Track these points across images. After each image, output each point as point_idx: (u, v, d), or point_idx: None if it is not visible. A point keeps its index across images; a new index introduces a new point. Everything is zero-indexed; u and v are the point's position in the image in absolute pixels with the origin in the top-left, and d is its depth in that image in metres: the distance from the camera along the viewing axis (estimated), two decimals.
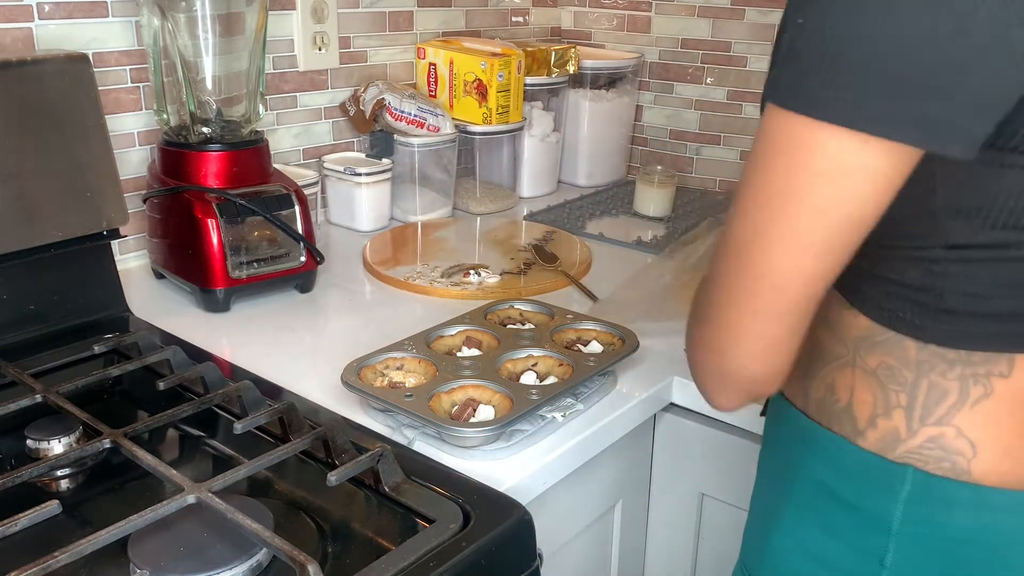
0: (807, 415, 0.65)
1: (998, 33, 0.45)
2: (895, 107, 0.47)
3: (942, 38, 0.45)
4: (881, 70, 0.46)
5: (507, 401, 0.84)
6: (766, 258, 0.53)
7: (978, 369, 0.58)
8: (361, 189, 1.40)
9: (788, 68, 0.50)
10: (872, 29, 0.46)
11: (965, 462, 0.58)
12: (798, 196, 0.50)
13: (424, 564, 0.63)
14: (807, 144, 0.49)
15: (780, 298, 0.54)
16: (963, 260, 0.56)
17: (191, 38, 1.11)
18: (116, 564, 0.64)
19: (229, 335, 1.06)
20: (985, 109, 0.47)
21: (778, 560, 0.68)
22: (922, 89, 0.46)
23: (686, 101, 1.75)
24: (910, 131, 0.47)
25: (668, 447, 1.05)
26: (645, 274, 1.26)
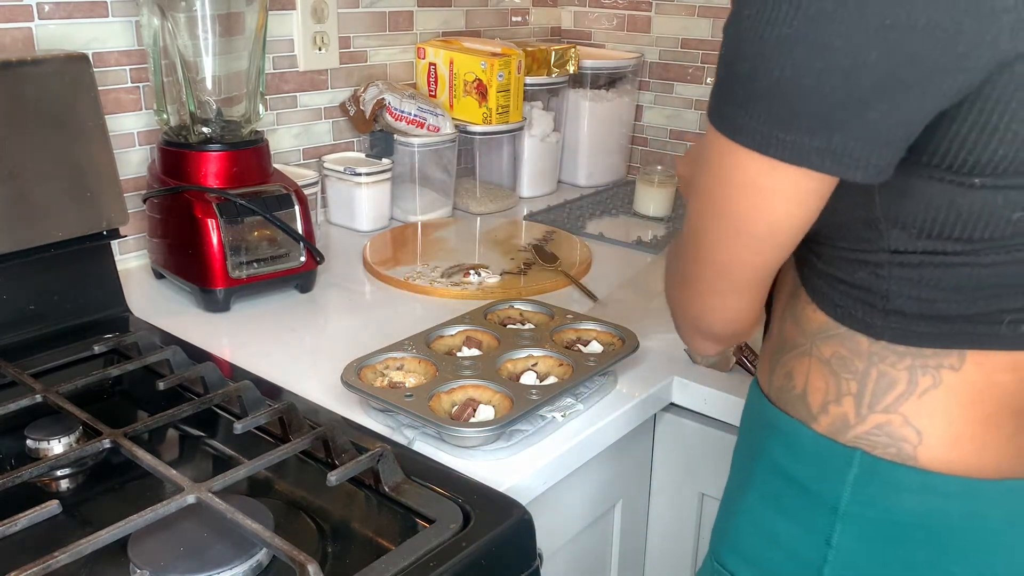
0: (769, 399, 0.68)
1: (890, 74, 0.47)
2: (799, 137, 0.51)
3: (836, 79, 0.48)
4: (784, 103, 0.50)
5: (507, 401, 0.84)
6: (708, 249, 0.60)
7: (928, 361, 0.59)
8: (361, 189, 1.40)
9: (715, 91, 0.55)
10: (773, 67, 0.50)
11: (911, 448, 0.60)
12: (725, 204, 0.56)
13: (424, 564, 0.63)
14: (728, 159, 0.54)
15: (727, 279, 0.61)
16: (905, 264, 0.58)
17: (191, 38, 1.11)
18: (116, 564, 0.64)
19: (229, 335, 1.06)
20: (887, 140, 0.50)
21: (738, 541, 0.70)
22: (823, 122, 0.50)
23: (686, 101, 1.75)
24: (814, 159, 0.51)
25: (668, 447, 1.05)
26: (645, 274, 1.26)
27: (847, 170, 0.51)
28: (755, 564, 0.68)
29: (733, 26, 0.52)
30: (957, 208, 0.53)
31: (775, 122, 0.51)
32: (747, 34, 0.51)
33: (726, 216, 0.57)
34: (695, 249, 0.61)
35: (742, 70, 0.51)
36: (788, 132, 0.51)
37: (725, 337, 0.67)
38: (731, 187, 0.55)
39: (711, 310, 0.64)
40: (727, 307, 0.63)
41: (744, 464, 0.71)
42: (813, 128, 0.50)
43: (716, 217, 0.58)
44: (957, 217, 0.54)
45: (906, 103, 0.49)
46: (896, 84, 0.48)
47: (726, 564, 0.71)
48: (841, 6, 0.47)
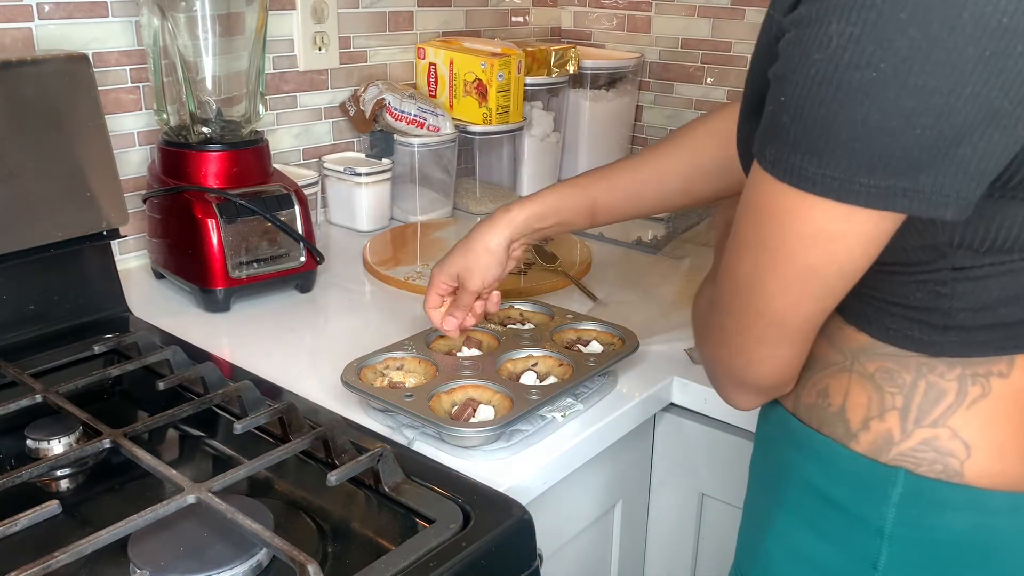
0: (797, 417, 0.66)
1: (984, 107, 0.45)
2: (884, 182, 0.48)
3: (928, 119, 0.45)
4: (868, 150, 0.47)
5: (507, 401, 0.84)
6: (764, 300, 0.56)
7: (978, 369, 0.58)
8: (361, 189, 1.40)
9: (775, 141, 0.50)
10: (856, 114, 0.46)
11: (958, 463, 0.58)
12: (789, 255, 0.53)
13: (424, 564, 0.63)
14: (796, 212, 0.51)
15: (780, 330, 0.58)
16: (969, 279, 0.56)
17: (191, 38, 1.11)
18: (116, 564, 0.64)
19: (229, 335, 1.06)
20: (976, 173, 0.48)
21: (771, 564, 0.68)
22: (910, 164, 0.47)
23: (686, 101, 1.75)
24: (901, 202, 0.48)
25: (668, 447, 1.05)
26: (645, 274, 1.26)
27: (936, 209, 0.48)
28: None
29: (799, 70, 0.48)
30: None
31: (856, 169, 0.48)
32: (821, 79, 0.47)
33: (790, 268, 0.53)
34: (745, 302, 0.58)
35: (815, 117, 0.48)
36: (872, 177, 0.47)
37: (769, 389, 0.64)
38: (799, 238, 0.52)
39: (758, 362, 0.61)
40: (776, 357, 0.60)
41: (770, 484, 0.69)
42: (900, 171, 0.47)
43: (777, 269, 0.54)
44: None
45: (998, 134, 0.46)
46: (989, 117, 0.46)
47: None
48: (937, 43, 0.44)
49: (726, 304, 0.60)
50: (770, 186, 0.52)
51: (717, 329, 0.63)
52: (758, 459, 0.73)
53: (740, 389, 0.65)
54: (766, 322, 0.58)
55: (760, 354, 0.60)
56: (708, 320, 0.65)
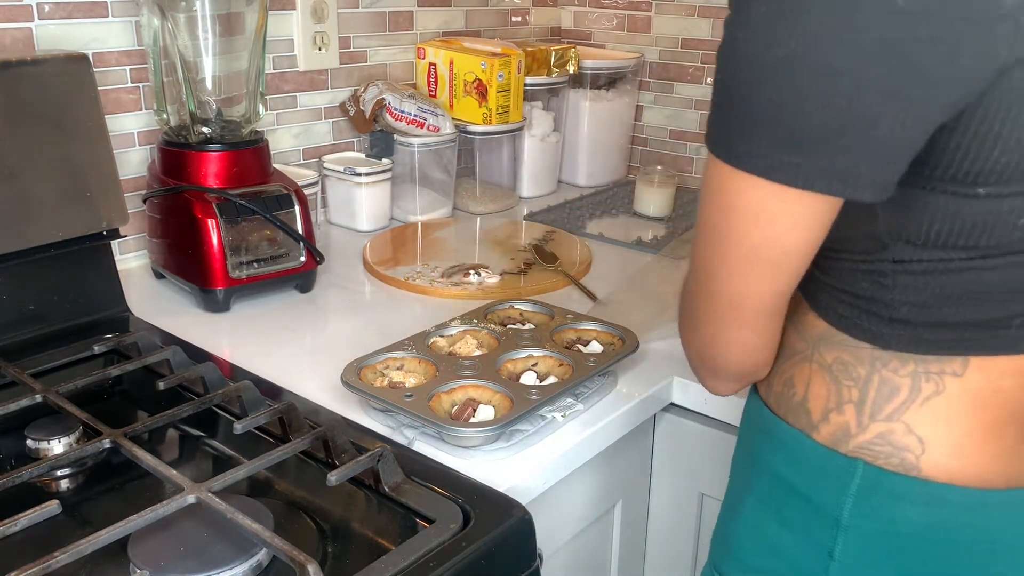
0: (768, 406, 0.67)
1: (894, 91, 0.47)
2: (803, 161, 0.50)
3: (840, 100, 0.47)
4: (787, 129, 0.49)
5: (507, 401, 0.84)
6: (718, 283, 0.59)
7: (931, 367, 0.58)
8: (361, 189, 1.40)
9: (712, 119, 0.54)
10: (773, 93, 0.49)
11: (914, 458, 0.59)
12: (733, 235, 0.55)
13: (424, 564, 0.63)
14: (734, 190, 0.53)
15: (738, 313, 0.60)
16: (909, 272, 0.57)
17: (191, 38, 1.11)
18: (116, 564, 0.64)
19: (229, 335, 1.06)
20: (891, 158, 0.49)
21: (738, 551, 0.69)
22: (828, 144, 0.49)
23: (686, 101, 1.75)
24: (820, 181, 0.50)
25: (668, 447, 1.05)
26: (645, 274, 1.26)
27: (854, 191, 0.50)
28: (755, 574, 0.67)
29: (728, 50, 0.51)
30: (962, 218, 0.53)
31: (778, 147, 0.50)
32: (743, 58, 0.50)
33: (735, 246, 0.55)
34: (704, 285, 0.60)
35: (740, 95, 0.51)
36: (792, 155, 0.50)
37: (740, 375, 0.65)
38: (738, 217, 0.54)
39: (725, 346, 0.62)
40: (740, 342, 0.62)
41: (743, 472, 0.71)
42: (817, 151, 0.49)
43: (724, 250, 0.56)
44: (962, 227, 0.53)
45: (910, 119, 0.48)
46: (899, 101, 0.47)
47: (726, 574, 0.70)
48: (843, 24, 0.46)
49: (693, 290, 0.63)
50: (714, 167, 0.54)
51: (689, 316, 0.65)
52: (736, 449, 0.74)
53: (713, 375, 0.67)
54: (725, 306, 0.59)
55: (726, 339, 0.62)
56: (683, 308, 0.67)
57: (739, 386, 0.68)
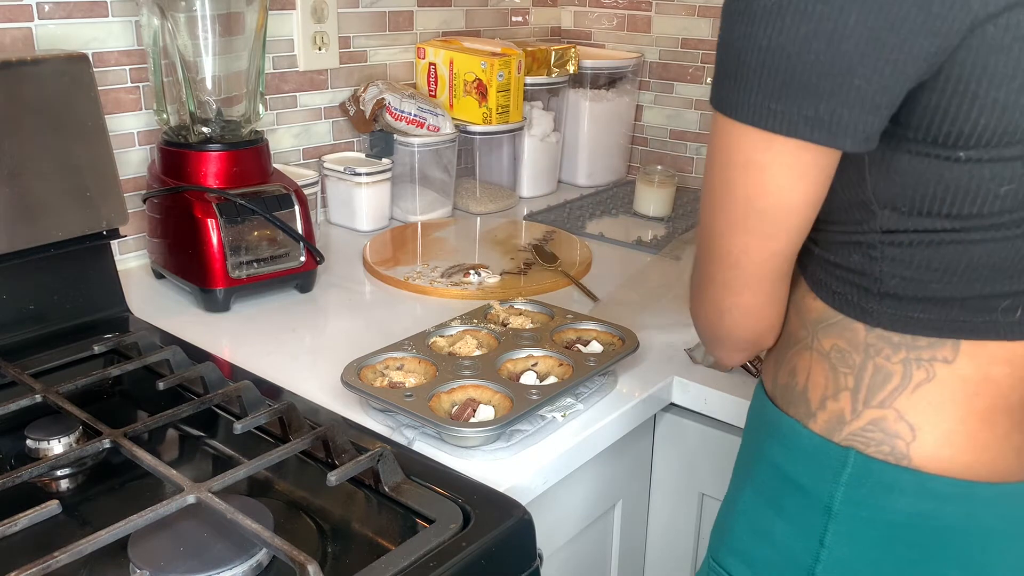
0: (773, 400, 0.68)
1: (871, 37, 0.49)
2: (789, 107, 0.52)
3: (820, 44, 0.50)
4: (774, 75, 0.52)
5: (507, 401, 0.84)
6: (719, 242, 0.61)
7: (922, 353, 0.59)
8: (361, 189, 1.40)
9: (715, 73, 0.57)
10: (762, 39, 0.52)
11: (904, 446, 0.60)
12: (729, 187, 0.58)
13: (424, 564, 0.63)
14: (729, 139, 0.56)
15: (740, 274, 0.61)
16: (897, 244, 0.58)
17: (191, 38, 1.11)
18: (116, 564, 0.64)
19: (229, 335, 1.06)
20: (871, 106, 0.51)
21: (735, 541, 0.70)
22: (810, 90, 0.51)
23: (686, 101, 1.75)
24: (803, 128, 0.53)
25: (668, 447, 1.05)
26: (645, 274, 1.26)
27: (835, 138, 0.52)
28: (750, 563, 0.68)
29: (727, 7, 0.54)
30: (945, 183, 0.54)
31: (766, 94, 0.53)
32: (737, 11, 0.53)
33: (732, 199, 0.58)
34: (707, 248, 0.62)
35: (735, 46, 0.54)
36: (778, 102, 0.52)
37: (745, 340, 0.67)
38: (734, 168, 0.56)
39: (727, 311, 0.64)
40: (742, 304, 0.63)
41: (744, 464, 0.72)
42: (801, 97, 0.52)
43: (723, 202, 0.58)
44: (945, 192, 0.54)
45: (887, 68, 0.50)
46: (877, 48, 0.49)
47: (722, 563, 0.71)
48: None
49: (698, 253, 0.65)
50: (714, 122, 0.57)
51: (696, 285, 0.67)
52: (741, 445, 0.75)
53: (719, 344, 0.69)
54: (725, 265, 0.61)
55: (727, 303, 0.64)
56: (691, 279, 0.69)
57: (743, 355, 0.70)
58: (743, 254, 0.60)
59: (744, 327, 0.65)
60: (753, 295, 0.62)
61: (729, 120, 0.55)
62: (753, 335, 0.66)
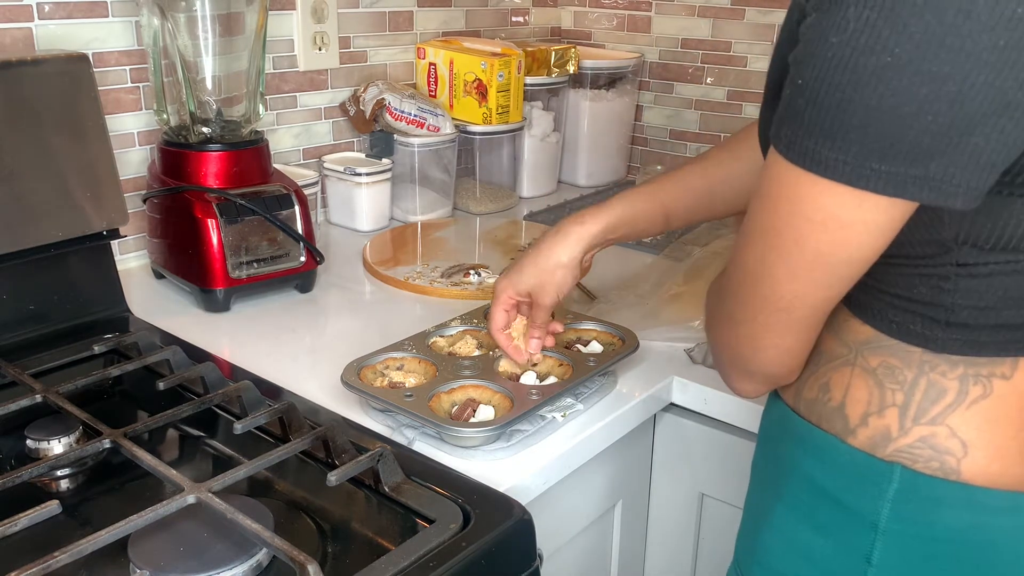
0: (798, 413, 0.66)
1: (997, 97, 0.46)
2: (895, 168, 0.48)
3: (941, 106, 0.46)
4: (881, 135, 0.48)
5: (507, 401, 0.84)
6: (771, 287, 0.57)
7: (981, 370, 0.58)
8: (361, 189, 1.40)
9: (790, 123, 0.51)
10: (871, 99, 0.47)
11: (955, 461, 0.58)
12: (799, 240, 0.54)
13: (424, 564, 0.63)
14: (807, 196, 0.52)
15: (787, 319, 0.58)
16: (972, 276, 0.56)
17: (191, 38, 1.11)
18: (116, 564, 0.64)
19: (229, 335, 1.06)
20: (987, 165, 0.48)
21: (768, 557, 0.68)
22: (922, 151, 0.47)
23: (686, 101, 1.75)
24: (912, 189, 0.49)
25: (668, 447, 1.05)
26: (645, 274, 1.26)
27: (947, 198, 0.49)
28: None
29: (817, 53, 0.49)
30: None
31: (868, 153, 0.48)
32: (837, 62, 0.48)
33: (799, 253, 0.54)
34: (752, 288, 0.59)
35: (830, 101, 0.48)
36: (883, 163, 0.48)
37: (777, 377, 0.65)
38: (809, 223, 0.52)
39: (763, 350, 0.62)
40: (782, 346, 0.61)
41: (770, 479, 0.70)
42: (912, 157, 0.48)
43: (786, 254, 0.55)
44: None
45: (1009, 124, 0.47)
46: (1002, 107, 0.46)
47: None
48: (951, 30, 0.44)
49: (735, 291, 0.61)
50: (783, 170, 0.52)
51: (726, 316, 0.64)
52: (759, 456, 0.73)
53: (744, 376, 0.66)
54: (772, 309, 0.58)
55: (766, 342, 0.61)
56: (718, 307, 0.66)
57: (765, 389, 0.68)
58: (796, 300, 0.57)
59: (779, 364, 0.63)
60: (796, 337, 0.60)
61: (810, 174, 0.50)
62: (785, 372, 0.64)
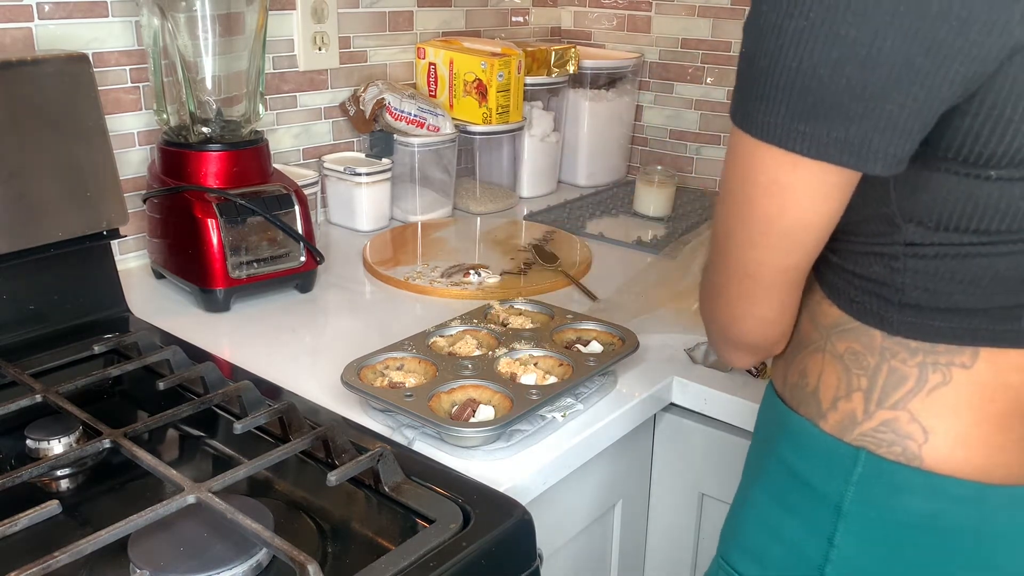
0: (783, 399, 0.68)
1: (906, 63, 0.48)
2: (818, 129, 0.51)
3: (852, 69, 0.49)
4: (803, 96, 0.51)
5: (507, 401, 0.84)
6: (736, 254, 0.60)
7: (940, 358, 0.59)
8: (361, 189, 1.40)
9: (736, 90, 0.56)
10: (792, 60, 0.51)
11: (916, 447, 0.59)
12: (750, 204, 0.57)
13: (424, 564, 0.63)
14: (752, 159, 0.55)
15: (755, 286, 0.61)
16: (920, 256, 0.58)
17: (191, 38, 1.11)
18: (116, 564, 0.64)
19: (229, 335, 1.06)
20: (903, 131, 0.50)
21: (743, 537, 0.70)
22: (840, 114, 0.50)
23: (686, 101, 1.75)
24: (833, 152, 0.52)
25: (668, 447, 1.05)
26: (645, 274, 1.26)
27: (865, 162, 0.51)
28: (759, 560, 0.68)
29: (753, 22, 0.53)
30: (974, 201, 0.54)
31: (794, 115, 0.51)
32: (766, 28, 0.51)
33: (752, 217, 0.57)
34: (723, 255, 0.62)
35: (762, 65, 0.52)
36: (807, 124, 0.51)
37: (757, 347, 0.67)
38: (755, 187, 0.56)
39: (740, 318, 0.64)
40: (756, 314, 0.63)
41: (754, 463, 0.72)
42: (831, 120, 0.50)
43: (742, 219, 0.58)
44: (974, 209, 0.54)
45: (921, 93, 0.49)
46: (911, 73, 0.48)
47: (731, 561, 0.71)
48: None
49: (713, 260, 0.64)
50: (735, 137, 0.56)
51: (708, 287, 0.67)
52: (752, 443, 0.75)
53: (730, 346, 0.69)
54: (741, 275, 0.61)
55: (741, 311, 0.64)
56: (704, 281, 0.68)
57: (755, 359, 0.70)
58: (759, 267, 0.60)
59: (757, 333, 0.65)
60: (767, 305, 0.63)
61: (752, 139, 0.54)
62: (765, 341, 0.66)
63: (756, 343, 0.66)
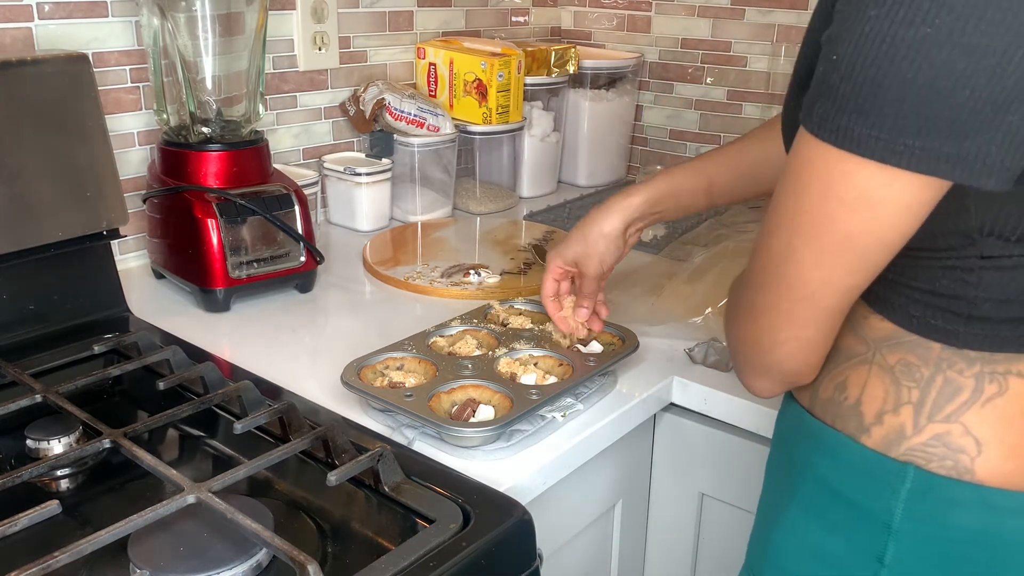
0: (812, 414, 0.66)
1: None
2: (928, 144, 0.47)
3: (978, 81, 0.45)
4: (916, 110, 0.47)
5: (507, 401, 0.84)
6: (798, 273, 0.56)
7: (997, 367, 0.57)
8: (361, 189, 1.40)
9: (823, 101, 0.51)
10: (907, 71, 0.46)
11: (968, 460, 0.58)
12: (828, 222, 0.53)
13: (424, 564, 0.63)
14: (838, 175, 0.51)
15: (812, 307, 0.57)
16: (997, 268, 0.56)
17: (191, 38, 1.11)
18: (116, 564, 0.64)
19: (229, 335, 1.06)
20: (1022, 144, 0.47)
21: (780, 558, 0.68)
22: (957, 127, 0.47)
23: (686, 101, 1.75)
24: (944, 167, 0.48)
25: (668, 447, 1.05)
26: (645, 274, 1.26)
27: (979, 177, 0.48)
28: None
29: (852, 28, 0.48)
30: None
31: (902, 129, 0.48)
32: (873, 36, 0.47)
33: (827, 235, 0.53)
34: (777, 276, 0.58)
35: (865, 75, 0.48)
36: (917, 139, 0.47)
37: (790, 375, 0.64)
38: (840, 204, 0.52)
39: (784, 342, 0.60)
40: (803, 337, 0.60)
41: (783, 479, 0.70)
42: (945, 134, 0.47)
43: (814, 237, 0.54)
44: None
45: None
46: None
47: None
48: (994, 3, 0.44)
49: (757, 280, 0.60)
50: (814, 149, 0.52)
51: (746, 307, 0.63)
52: (773, 458, 0.73)
53: (761, 373, 0.65)
54: (797, 297, 0.57)
55: (787, 334, 0.60)
56: (738, 300, 0.65)
57: (781, 388, 0.67)
58: (822, 287, 0.56)
59: (797, 360, 0.62)
60: (818, 329, 0.59)
61: (840, 152, 0.50)
62: (804, 368, 0.63)
63: (795, 368, 0.62)
